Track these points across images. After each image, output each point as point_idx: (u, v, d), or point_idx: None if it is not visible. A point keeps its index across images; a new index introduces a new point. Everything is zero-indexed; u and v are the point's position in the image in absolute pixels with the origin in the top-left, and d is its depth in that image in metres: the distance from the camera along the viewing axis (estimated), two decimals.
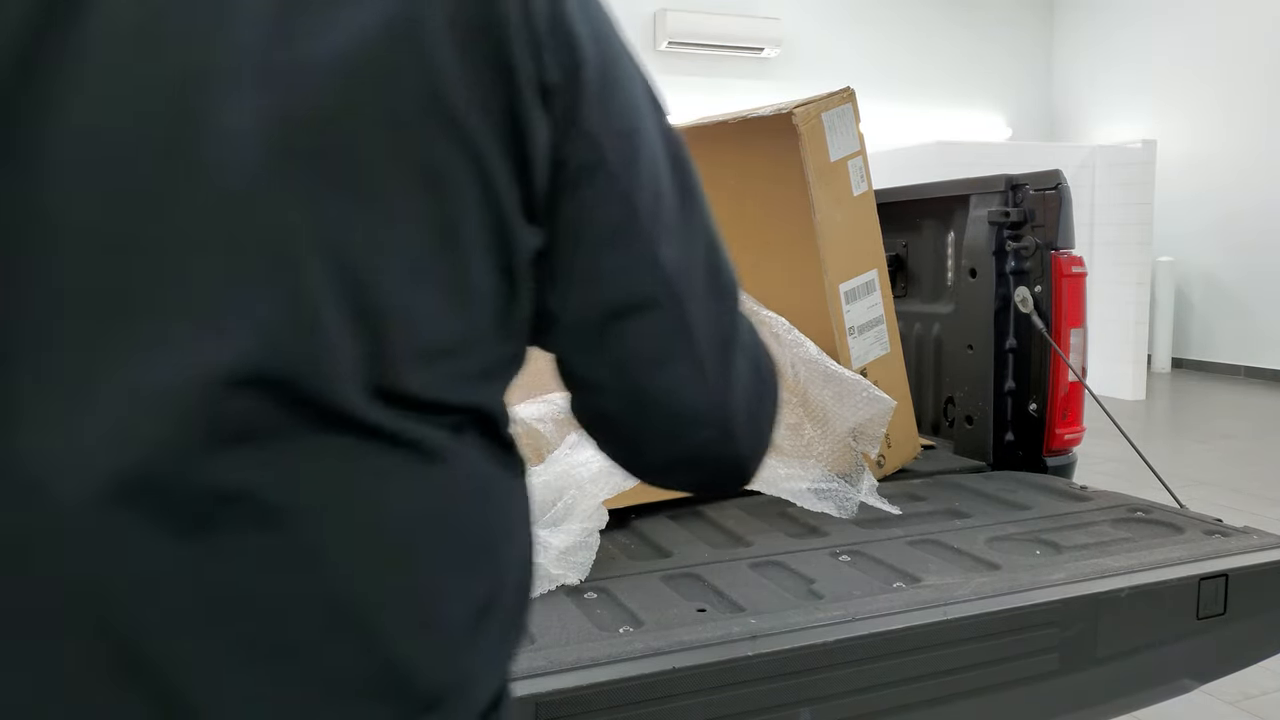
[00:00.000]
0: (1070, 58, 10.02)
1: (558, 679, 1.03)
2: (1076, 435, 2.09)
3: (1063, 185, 2.01)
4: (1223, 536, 1.54)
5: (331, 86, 0.51)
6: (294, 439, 0.51)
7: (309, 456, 0.52)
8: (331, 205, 0.52)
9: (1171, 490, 1.83)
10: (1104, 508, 1.72)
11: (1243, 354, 8.36)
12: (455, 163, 0.54)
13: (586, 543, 1.36)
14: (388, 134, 0.52)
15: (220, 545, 0.50)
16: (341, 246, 0.52)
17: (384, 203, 0.53)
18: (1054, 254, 2.00)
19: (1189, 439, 5.85)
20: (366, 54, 0.52)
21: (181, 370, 0.49)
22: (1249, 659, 1.50)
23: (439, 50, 0.53)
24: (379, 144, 0.52)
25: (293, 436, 0.51)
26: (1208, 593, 1.39)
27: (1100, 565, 1.40)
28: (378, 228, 0.53)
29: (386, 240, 0.53)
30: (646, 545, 1.51)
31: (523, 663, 1.06)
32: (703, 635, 1.14)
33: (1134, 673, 1.37)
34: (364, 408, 0.53)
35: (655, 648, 1.10)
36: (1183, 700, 1.87)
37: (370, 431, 0.53)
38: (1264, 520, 4.02)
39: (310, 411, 0.51)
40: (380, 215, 0.53)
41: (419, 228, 0.54)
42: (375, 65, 0.52)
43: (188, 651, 0.49)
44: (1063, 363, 2.00)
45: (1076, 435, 2.09)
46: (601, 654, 1.08)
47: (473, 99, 0.54)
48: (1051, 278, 2.00)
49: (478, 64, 0.54)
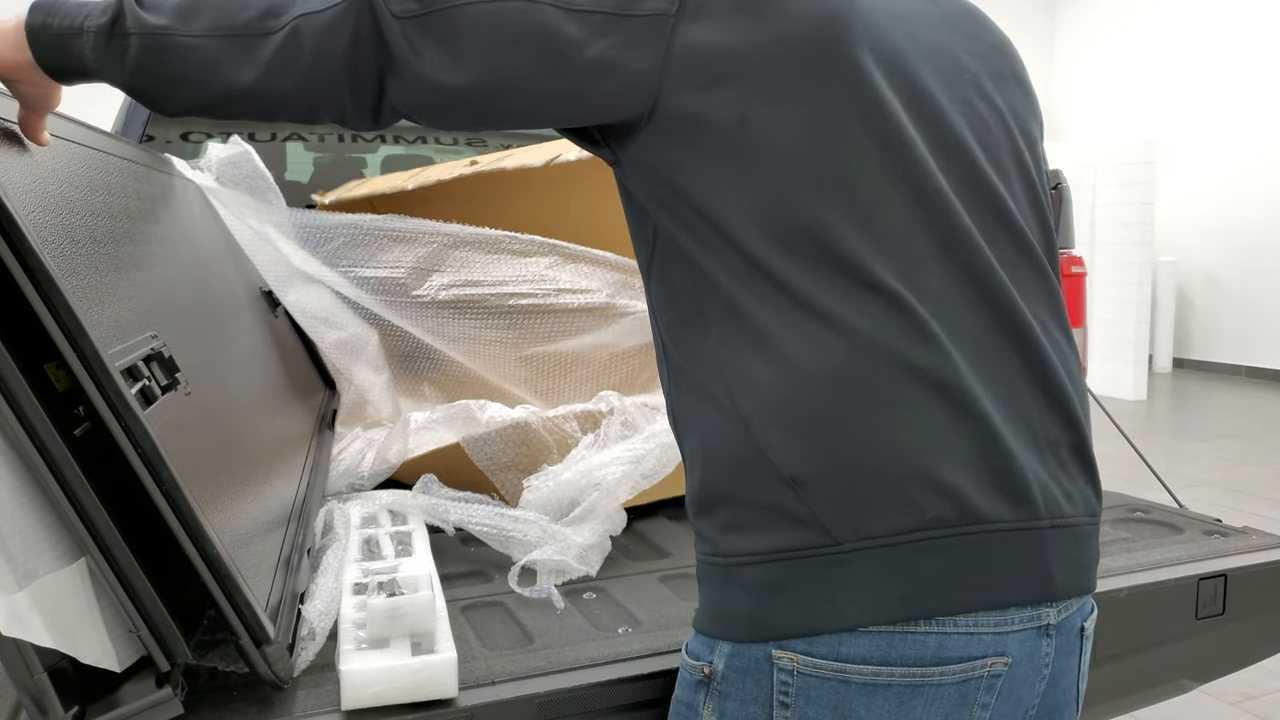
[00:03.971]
0: (1072, 57, 10.01)
1: (557, 679, 1.03)
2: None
3: (1063, 185, 2.01)
4: (1222, 536, 1.54)
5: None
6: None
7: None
8: None
9: (1171, 490, 1.83)
10: (1103, 507, 1.72)
11: (1243, 354, 8.36)
12: None
13: (602, 544, 1.38)
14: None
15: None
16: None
17: None
18: None
19: (1189, 439, 5.85)
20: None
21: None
22: (1248, 659, 1.50)
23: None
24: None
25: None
26: (1207, 593, 1.39)
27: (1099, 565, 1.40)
28: None
29: None
30: (645, 546, 1.51)
31: (522, 663, 1.06)
32: None
33: (1133, 673, 1.37)
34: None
35: (654, 648, 1.10)
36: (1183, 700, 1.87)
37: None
38: (1264, 520, 4.02)
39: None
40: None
41: None
42: None
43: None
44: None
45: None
46: (600, 654, 1.09)
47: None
48: None
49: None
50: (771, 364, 0.80)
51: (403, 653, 0.98)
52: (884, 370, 0.79)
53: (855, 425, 0.79)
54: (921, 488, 0.78)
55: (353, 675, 0.95)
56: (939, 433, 0.79)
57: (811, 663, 0.79)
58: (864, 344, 0.79)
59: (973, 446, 0.80)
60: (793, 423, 0.80)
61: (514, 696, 1.00)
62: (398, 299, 1.79)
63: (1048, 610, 0.83)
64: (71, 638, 0.82)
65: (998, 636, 0.80)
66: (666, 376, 0.93)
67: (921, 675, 0.78)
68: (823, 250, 0.80)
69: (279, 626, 0.96)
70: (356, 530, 1.39)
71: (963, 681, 0.79)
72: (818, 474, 0.79)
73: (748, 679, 0.82)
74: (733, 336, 0.83)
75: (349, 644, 1.00)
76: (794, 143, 0.81)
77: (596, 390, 1.75)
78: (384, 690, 0.95)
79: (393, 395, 1.85)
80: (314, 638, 1.05)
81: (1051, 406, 0.86)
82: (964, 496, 0.78)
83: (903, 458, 0.78)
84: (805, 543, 0.79)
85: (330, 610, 1.10)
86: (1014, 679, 0.82)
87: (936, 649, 0.78)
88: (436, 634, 1.03)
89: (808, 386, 0.79)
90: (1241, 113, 8.39)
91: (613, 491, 1.42)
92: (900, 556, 0.78)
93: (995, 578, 0.80)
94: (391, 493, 1.51)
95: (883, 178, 0.81)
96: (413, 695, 0.96)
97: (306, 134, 3.28)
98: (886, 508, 0.78)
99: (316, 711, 0.96)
